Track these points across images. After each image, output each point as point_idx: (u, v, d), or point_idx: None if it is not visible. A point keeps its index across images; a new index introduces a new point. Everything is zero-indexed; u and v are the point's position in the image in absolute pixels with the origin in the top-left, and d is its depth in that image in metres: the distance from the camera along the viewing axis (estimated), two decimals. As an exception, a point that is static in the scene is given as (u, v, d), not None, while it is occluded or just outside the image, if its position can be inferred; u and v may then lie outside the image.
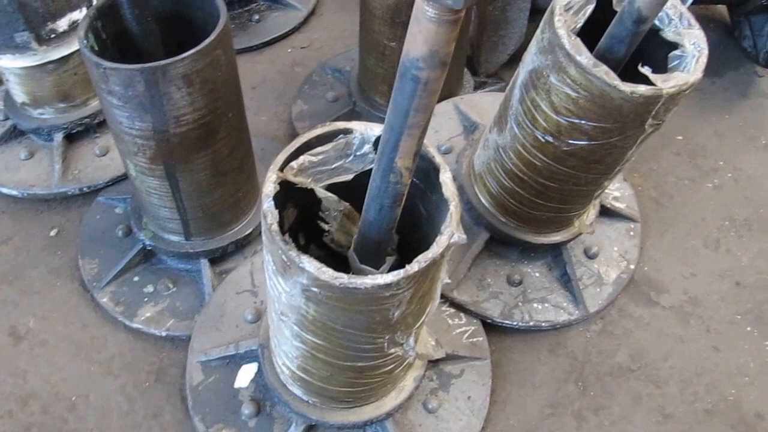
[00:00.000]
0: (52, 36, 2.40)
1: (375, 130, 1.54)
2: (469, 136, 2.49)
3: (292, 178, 1.51)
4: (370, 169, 1.39)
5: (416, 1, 1.05)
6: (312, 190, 1.59)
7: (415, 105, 1.19)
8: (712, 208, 2.70)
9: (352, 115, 2.77)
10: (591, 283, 2.37)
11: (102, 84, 1.81)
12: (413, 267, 1.36)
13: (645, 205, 2.65)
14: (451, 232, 1.41)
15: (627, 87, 1.63)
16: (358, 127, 1.54)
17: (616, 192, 2.55)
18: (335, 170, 1.58)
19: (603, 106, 1.69)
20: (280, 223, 1.68)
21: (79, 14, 2.44)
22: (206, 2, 1.94)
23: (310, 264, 1.34)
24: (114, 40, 1.97)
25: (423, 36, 1.08)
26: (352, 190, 1.61)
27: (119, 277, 2.37)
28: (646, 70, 1.68)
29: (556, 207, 2.11)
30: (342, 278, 1.32)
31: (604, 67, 1.64)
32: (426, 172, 1.55)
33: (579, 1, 1.76)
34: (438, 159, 1.50)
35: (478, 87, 2.93)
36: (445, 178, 1.47)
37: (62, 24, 2.40)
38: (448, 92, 2.67)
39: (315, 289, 1.37)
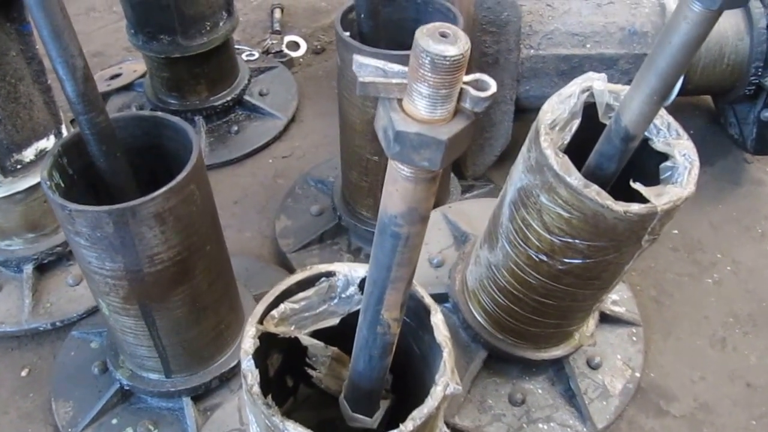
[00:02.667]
0: (18, 167, 2.33)
1: (359, 271, 1.44)
2: (460, 247, 2.40)
3: (273, 329, 1.40)
4: (359, 310, 1.29)
5: (390, 161, 0.98)
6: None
7: (397, 260, 1.10)
8: (714, 304, 2.60)
9: (338, 229, 2.68)
10: (597, 396, 2.24)
11: (68, 225, 1.72)
12: (408, 426, 1.24)
13: (645, 306, 2.55)
14: (445, 383, 1.29)
15: (620, 207, 1.55)
16: (340, 269, 1.45)
17: (615, 295, 2.44)
18: (320, 315, 1.48)
19: (596, 226, 1.61)
20: (265, 371, 1.56)
21: (46, 142, 2.38)
22: (179, 133, 1.88)
23: (296, 431, 1.22)
24: (82, 174, 1.89)
25: (400, 194, 1.00)
26: (341, 331, 1.51)
27: (96, 421, 2.20)
28: (638, 186, 1.61)
29: (555, 323, 2.00)
30: (331, 446, 1.20)
31: (595, 187, 1.57)
32: (416, 312, 1.45)
33: (564, 117, 1.71)
34: (428, 300, 1.40)
35: (465, 190, 2.87)
36: (437, 320, 1.37)
37: (28, 154, 2.33)
38: (436, 201, 2.58)
39: (303, 456, 1.24)
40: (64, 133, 2.43)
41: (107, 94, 3.49)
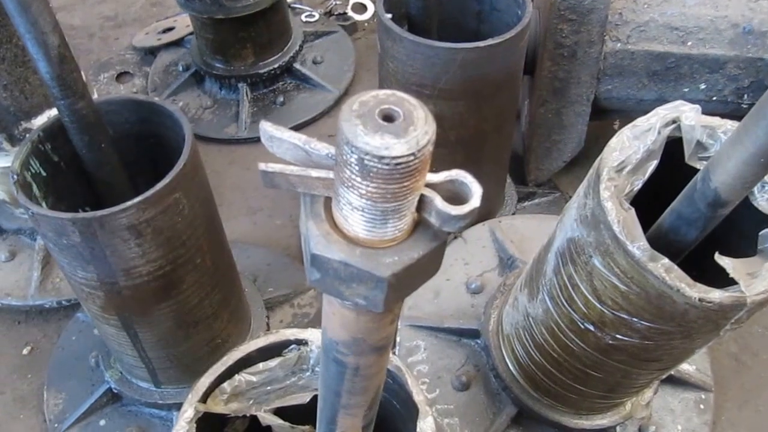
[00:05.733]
0: (27, 135, 2.12)
1: (337, 344, 1.14)
2: (504, 272, 2.06)
3: (221, 409, 1.13)
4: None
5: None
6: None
7: (346, 388, 0.80)
8: (810, 373, 2.15)
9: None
10: (647, 471, 1.88)
11: (36, 227, 1.50)
12: None
13: (721, 364, 2.13)
14: None
15: (695, 292, 1.17)
16: (314, 336, 1.15)
17: (686, 351, 2.04)
18: (287, 389, 1.20)
19: (661, 308, 1.24)
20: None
21: (59, 110, 2.17)
22: (175, 124, 1.61)
23: None
24: (71, 162, 1.66)
25: (339, 321, 0.69)
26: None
27: (84, 419, 2.04)
28: (725, 263, 1.21)
29: (601, 395, 1.65)
30: None
31: (665, 262, 1.18)
32: (407, 405, 1.14)
33: (638, 157, 1.31)
34: (418, 397, 1.09)
35: (525, 198, 2.49)
36: (425, 426, 1.06)
37: (38, 122, 2.13)
38: (485, 211, 2.25)
39: None
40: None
41: (156, 49, 3.26)
